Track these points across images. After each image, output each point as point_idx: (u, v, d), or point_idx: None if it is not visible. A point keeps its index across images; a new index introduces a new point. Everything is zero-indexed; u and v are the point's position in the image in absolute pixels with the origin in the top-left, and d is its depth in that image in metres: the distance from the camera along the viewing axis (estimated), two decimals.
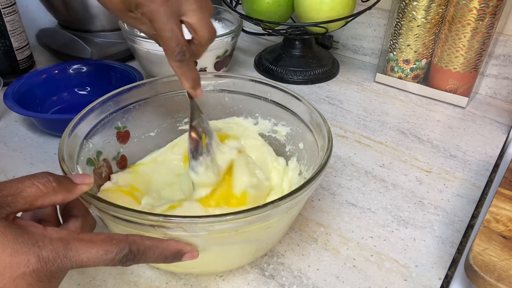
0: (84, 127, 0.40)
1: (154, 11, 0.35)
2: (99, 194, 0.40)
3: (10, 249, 0.24)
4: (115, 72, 0.66)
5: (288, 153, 0.48)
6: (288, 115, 0.46)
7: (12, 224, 0.25)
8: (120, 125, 0.45)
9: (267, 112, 0.49)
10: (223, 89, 0.49)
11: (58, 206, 0.32)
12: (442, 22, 0.67)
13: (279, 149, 0.49)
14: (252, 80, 0.48)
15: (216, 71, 0.70)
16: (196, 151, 0.39)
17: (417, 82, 0.73)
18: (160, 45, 0.38)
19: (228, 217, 0.29)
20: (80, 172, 0.38)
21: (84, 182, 0.30)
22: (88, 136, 0.40)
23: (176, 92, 0.48)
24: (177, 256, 0.30)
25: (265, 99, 0.48)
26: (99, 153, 0.42)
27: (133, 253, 0.27)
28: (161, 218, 0.29)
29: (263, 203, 0.31)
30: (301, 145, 0.46)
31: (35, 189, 0.26)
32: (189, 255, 0.31)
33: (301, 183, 0.33)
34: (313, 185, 0.33)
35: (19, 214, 0.27)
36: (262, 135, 0.50)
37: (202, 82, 0.48)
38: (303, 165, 0.44)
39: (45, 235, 0.25)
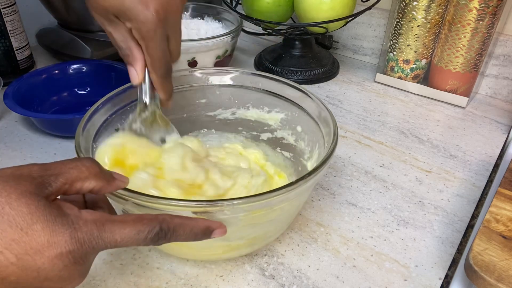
0: (91, 130, 0.40)
1: (151, 31, 0.35)
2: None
3: (50, 229, 0.24)
4: (115, 72, 0.66)
5: (280, 138, 0.51)
6: (282, 102, 0.49)
7: (53, 204, 0.25)
8: (119, 126, 0.45)
9: (260, 101, 0.50)
10: (213, 84, 0.50)
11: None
12: (442, 22, 0.67)
13: (272, 134, 0.52)
14: (243, 73, 0.49)
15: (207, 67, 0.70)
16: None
17: (417, 82, 0.73)
18: (123, 57, 0.39)
19: (265, 196, 0.31)
20: None
21: (122, 179, 0.31)
22: (95, 139, 0.40)
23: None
24: (206, 232, 0.30)
25: (257, 89, 0.49)
26: None
27: (164, 231, 0.28)
28: (204, 203, 0.30)
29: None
30: (299, 128, 0.48)
31: (77, 171, 0.27)
32: (219, 231, 0.31)
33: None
34: (328, 163, 0.36)
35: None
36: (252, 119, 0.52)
37: (203, 76, 0.50)
38: (305, 146, 0.47)
39: (80, 217, 0.26)
